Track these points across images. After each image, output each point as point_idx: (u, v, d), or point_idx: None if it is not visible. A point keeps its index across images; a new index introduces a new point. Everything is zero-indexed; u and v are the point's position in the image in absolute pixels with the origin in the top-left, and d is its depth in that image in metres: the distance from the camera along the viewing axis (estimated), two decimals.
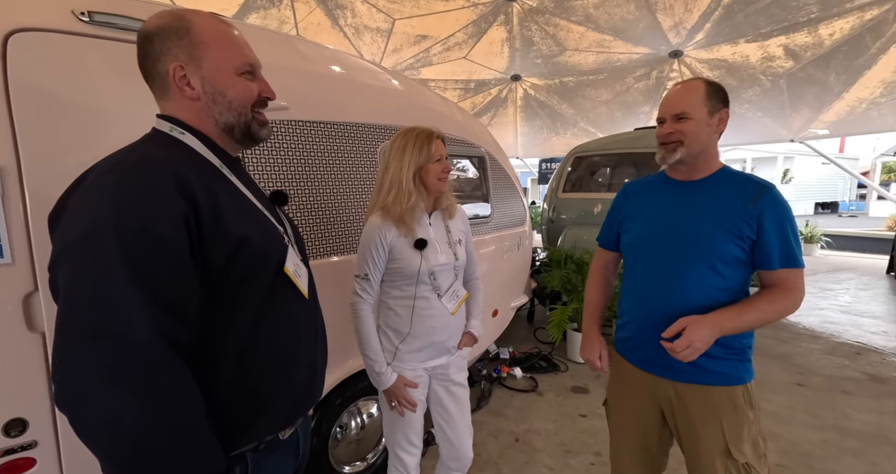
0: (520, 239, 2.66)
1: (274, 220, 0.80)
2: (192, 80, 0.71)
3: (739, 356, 1.17)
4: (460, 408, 1.45)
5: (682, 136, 1.14)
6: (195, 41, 0.70)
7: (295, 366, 0.81)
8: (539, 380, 3.00)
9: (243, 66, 0.75)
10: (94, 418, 0.56)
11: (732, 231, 1.10)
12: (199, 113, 0.74)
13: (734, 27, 5.38)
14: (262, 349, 0.75)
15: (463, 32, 5.88)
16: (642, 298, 1.26)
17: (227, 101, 0.74)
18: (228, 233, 0.67)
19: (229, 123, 0.75)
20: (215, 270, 0.66)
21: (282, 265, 0.76)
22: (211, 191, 0.67)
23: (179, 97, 0.72)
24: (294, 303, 0.81)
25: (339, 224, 1.70)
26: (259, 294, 0.73)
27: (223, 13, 4.45)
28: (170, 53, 0.70)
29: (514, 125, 8.42)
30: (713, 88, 1.14)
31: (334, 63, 1.81)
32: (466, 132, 2.28)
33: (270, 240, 0.76)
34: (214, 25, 0.73)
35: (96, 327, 0.56)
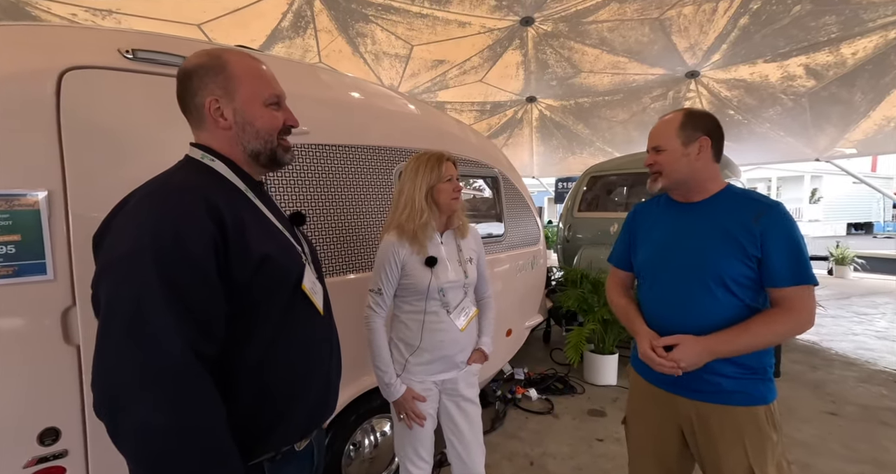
0: (534, 258, 2.67)
1: (293, 240, 0.86)
2: (226, 112, 0.79)
3: (760, 375, 1.16)
4: (471, 425, 1.46)
5: (660, 167, 1.21)
6: (229, 77, 0.78)
7: (311, 379, 0.86)
8: (555, 402, 2.95)
9: (271, 98, 0.83)
10: (128, 422, 0.61)
11: (737, 250, 1.11)
12: (230, 141, 0.81)
13: (752, 48, 5.39)
14: (280, 362, 0.79)
15: (479, 56, 6.05)
16: (656, 319, 1.27)
17: (256, 130, 0.81)
18: (252, 253, 0.73)
19: (256, 150, 0.82)
20: (239, 287, 0.72)
21: (300, 282, 0.82)
22: (236, 214, 0.73)
23: (213, 127, 0.80)
24: (310, 318, 0.86)
25: (358, 242, 1.75)
26: (278, 310, 0.79)
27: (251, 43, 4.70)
28: (206, 88, 0.78)
29: (529, 145, 8.51)
30: (689, 118, 1.18)
31: (353, 90, 1.91)
32: (480, 153, 2.34)
33: (290, 259, 0.82)
34: (246, 62, 0.82)
35: (132, 338, 0.62)
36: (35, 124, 1.04)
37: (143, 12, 4.66)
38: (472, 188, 2.30)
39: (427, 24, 5.35)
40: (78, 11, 4.57)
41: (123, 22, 4.81)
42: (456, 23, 5.33)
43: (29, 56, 1.07)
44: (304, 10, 5.08)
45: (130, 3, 4.57)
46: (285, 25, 5.26)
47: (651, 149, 1.23)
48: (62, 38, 1.16)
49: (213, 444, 0.66)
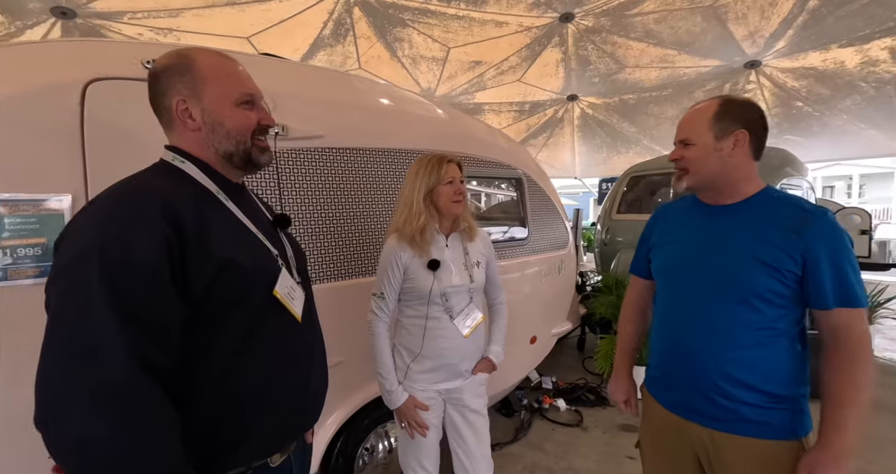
0: (561, 262, 2.56)
1: (269, 244, 0.83)
2: (193, 113, 0.77)
3: (788, 405, 1.01)
4: (478, 438, 1.40)
5: (686, 164, 1.07)
6: (196, 77, 0.76)
7: (283, 390, 0.81)
8: (584, 414, 2.80)
9: (242, 97, 0.79)
10: (67, 437, 0.58)
11: (769, 263, 0.97)
12: (201, 142, 0.79)
13: (823, 32, 4.87)
14: (247, 372, 0.76)
15: (517, 56, 5.95)
16: (670, 334, 1.16)
17: (226, 130, 0.78)
18: (212, 257, 0.69)
19: (228, 151, 0.80)
20: (198, 292, 0.68)
21: (272, 287, 0.78)
22: (200, 217, 0.71)
23: (182, 129, 0.78)
24: (285, 326, 0.82)
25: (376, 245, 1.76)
26: (247, 317, 0.75)
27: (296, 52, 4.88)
28: (174, 89, 0.76)
29: (571, 145, 8.24)
30: (727, 108, 1.03)
31: (382, 96, 1.93)
32: (503, 154, 2.27)
33: (259, 263, 0.79)
34: (214, 61, 0.79)
35: (75, 349, 0.59)
36: (60, 133, 1.13)
37: (198, 29, 5.02)
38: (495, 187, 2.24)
39: (463, 26, 5.33)
40: (143, 31, 5.01)
41: (182, 38, 5.20)
42: (493, 23, 5.27)
43: (56, 70, 1.16)
44: (343, 18, 5.24)
45: (187, 21, 4.94)
46: (326, 33, 5.45)
47: (678, 142, 1.08)
48: (88, 52, 1.26)
49: (160, 461, 0.62)
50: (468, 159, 2.09)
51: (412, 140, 1.89)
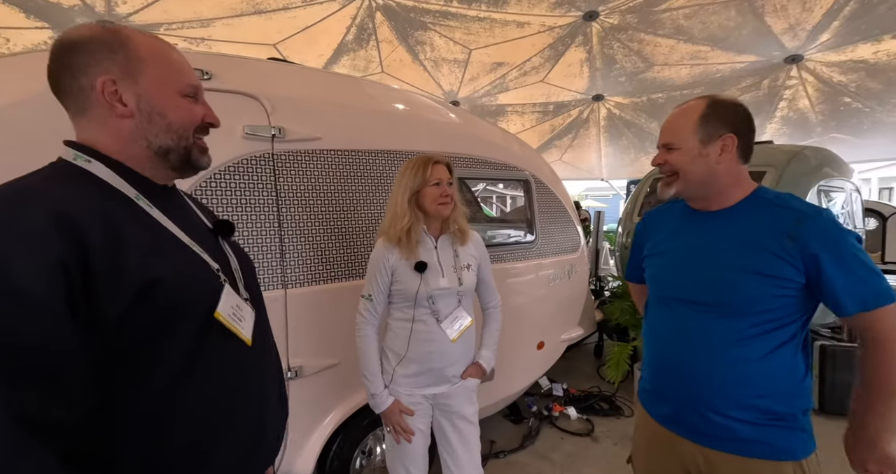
0: (571, 266, 2.48)
1: (207, 256, 0.70)
2: (126, 97, 0.64)
3: (787, 423, 0.94)
4: (466, 445, 1.38)
5: (673, 168, 1.00)
6: (132, 56, 0.64)
7: (234, 426, 0.69)
8: (596, 424, 2.70)
9: (187, 89, 0.70)
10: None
11: (763, 272, 0.90)
12: (129, 134, 0.65)
13: (875, 22, 4.53)
14: (182, 411, 0.63)
15: (539, 56, 5.86)
16: (661, 347, 1.10)
17: (168, 122, 0.67)
18: (130, 277, 0.57)
19: (165, 147, 0.68)
20: (112, 323, 0.55)
21: (212, 309, 0.66)
22: (113, 229, 0.57)
23: (106, 116, 0.64)
24: (232, 351, 0.70)
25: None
26: (181, 345, 0.62)
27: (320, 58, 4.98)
28: (100, 66, 0.62)
29: (597, 146, 8.03)
30: (713, 110, 0.96)
31: (386, 98, 1.95)
32: (507, 155, 2.23)
33: (195, 281, 0.66)
34: (155, 43, 0.68)
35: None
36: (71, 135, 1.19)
37: (228, 37, 5.23)
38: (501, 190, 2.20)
39: (484, 27, 5.30)
40: (178, 41, 5.27)
41: (213, 47, 5.44)
42: (514, 23, 5.22)
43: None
44: (366, 23, 5.33)
45: (217, 30, 5.16)
46: (349, 39, 5.56)
47: (661, 145, 1.04)
48: None
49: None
50: (471, 160, 2.07)
51: (413, 141, 1.89)
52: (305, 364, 1.60)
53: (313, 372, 1.62)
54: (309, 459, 1.65)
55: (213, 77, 1.47)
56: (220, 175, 1.44)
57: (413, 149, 1.86)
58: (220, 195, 1.44)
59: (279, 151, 1.55)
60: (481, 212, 3.19)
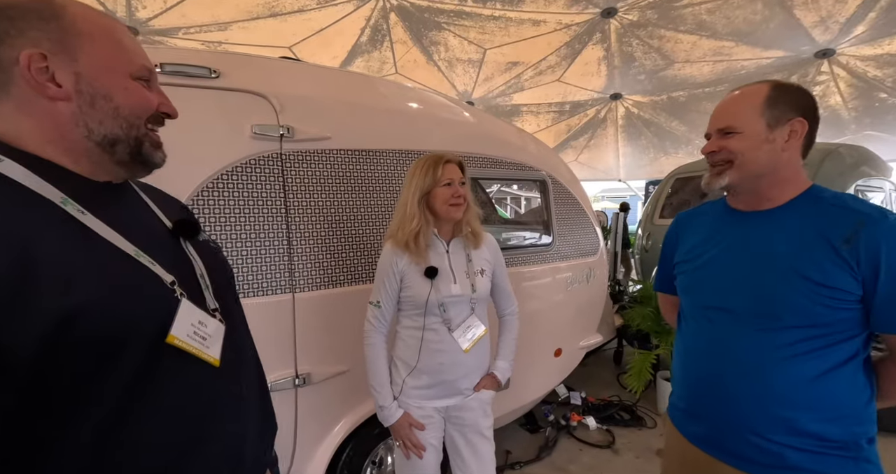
0: (590, 270, 2.38)
1: (159, 268, 0.59)
2: (59, 75, 0.54)
3: (848, 453, 0.83)
4: (480, 461, 1.30)
5: (730, 155, 0.89)
6: (68, 28, 0.54)
7: (201, 452, 0.60)
8: (616, 435, 2.59)
9: (140, 71, 0.60)
10: None
11: (817, 281, 0.80)
12: (60, 120, 0.55)
13: None
14: (130, 448, 0.53)
15: (556, 55, 5.76)
16: (696, 361, 1.00)
17: (114, 106, 0.57)
18: (39, 313, 0.46)
19: (112, 136, 0.57)
20: (21, 367, 0.45)
21: (163, 333, 0.56)
22: (19, 248, 0.47)
23: (32, 97, 0.54)
24: (195, 376, 0.60)
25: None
26: (118, 386, 0.52)
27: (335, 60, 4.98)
28: (23, 36, 0.52)
29: (614, 146, 7.86)
30: (780, 92, 0.87)
31: (400, 97, 1.91)
32: (524, 155, 2.15)
33: (133, 304, 0.54)
34: (96, 16, 0.58)
35: None
36: None
37: (244, 41, 5.27)
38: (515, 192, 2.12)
39: (499, 26, 5.23)
40: (196, 44, 5.34)
41: (230, 50, 5.50)
42: (530, 22, 5.13)
43: None
44: (380, 24, 5.31)
45: (234, 34, 5.21)
46: (364, 40, 5.55)
47: (716, 131, 0.91)
48: None
49: None
50: (486, 160, 1.99)
51: (426, 140, 1.83)
52: (314, 371, 1.55)
53: (322, 379, 1.57)
54: (318, 469, 1.60)
55: (221, 75, 1.43)
56: (227, 175, 1.40)
57: (425, 148, 1.79)
58: (227, 196, 1.40)
59: (288, 151, 1.51)
60: (496, 213, 3.11)
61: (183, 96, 1.33)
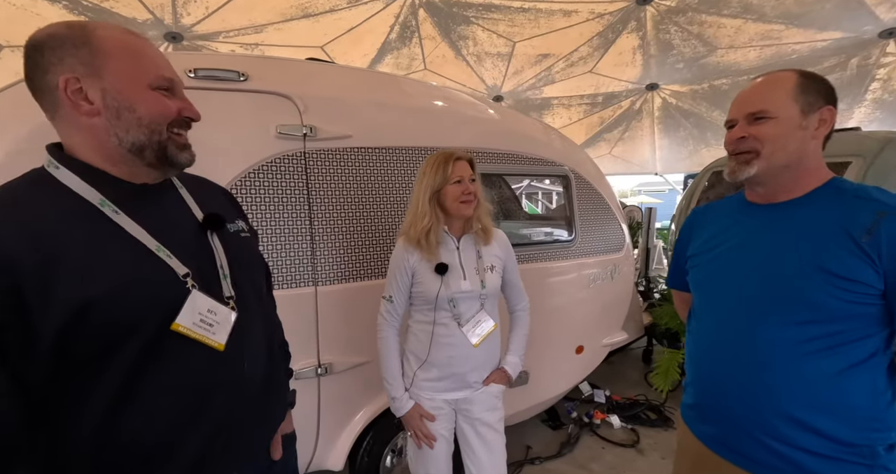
0: (615, 267, 2.33)
1: (176, 261, 0.67)
2: (90, 93, 0.62)
3: (864, 460, 0.80)
4: (490, 453, 1.32)
5: (757, 144, 0.86)
6: (95, 51, 0.62)
7: (189, 436, 0.67)
8: (642, 435, 2.53)
9: (158, 81, 0.67)
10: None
11: (838, 274, 0.77)
12: (98, 132, 0.64)
13: None
14: (131, 431, 0.62)
15: (588, 46, 5.59)
16: (708, 358, 0.98)
17: (137, 116, 0.65)
18: (60, 301, 0.55)
19: (139, 143, 0.65)
20: (48, 344, 0.55)
21: (168, 321, 0.63)
22: (48, 247, 0.56)
23: (73, 115, 0.63)
24: (200, 359, 0.68)
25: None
26: (125, 365, 0.60)
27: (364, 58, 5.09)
28: (62, 63, 0.61)
29: (650, 138, 7.55)
30: (809, 79, 0.85)
31: (419, 93, 1.94)
32: (546, 150, 2.13)
33: (143, 294, 0.63)
34: (120, 36, 0.65)
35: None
36: None
37: (279, 42, 5.46)
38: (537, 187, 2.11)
39: (529, 18, 5.15)
40: (235, 48, 5.58)
41: (266, 51, 5.71)
42: (560, 12, 5.02)
43: None
44: (409, 21, 5.35)
45: (269, 36, 5.40)
46: (393, 37, 5.61)
47: (746, 116, 0.86)
48: None
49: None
50: (506, 156, 1.99)
51: (446, 137, 1.85)
52: (335, 361, 1.62)
53: (343, 369, 1.64)
54: (340, 455, 1.68)
55: (249, 78, 1.51)
56: (254, 174, 1.48)
57: (444, 144, 1.81)
58: (254, 193, 1.48)
59: (311, 150, 1.57)
60: (521, 209, 3.09)
61: (214, 99, 1.44)
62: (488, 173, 2.11)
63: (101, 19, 4.75)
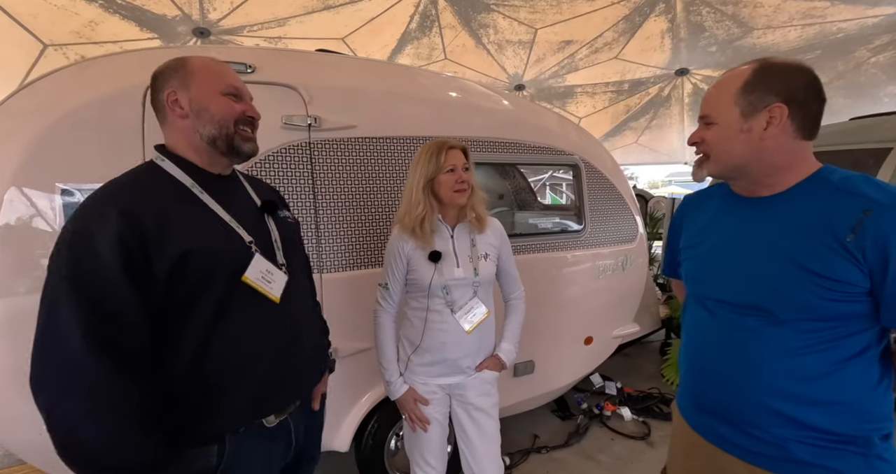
0: (626, 257, 2.28)
1: (243, 231, 0.89)
2: (182, 101, 0.85)
3: (855, 447, 0.78)
4: (483, 437, 1.34)
5: (707, 147, 0.87)
6: (187, 72, 0.87)
7: (256, 366, 0.87)
8: (653, 427, 2.49)
9: (227, 88, 0.88)
10: (41, 401, 0.69)
11: (818, 272, 0.74)
12: (188, 130, 0.86)
13: None
14: (219, 349, 0.83)
15: (613, 31, 5.40)
16: (698, 351, 0.97)
17: (210, 115, 0.86)
18: (170, 249, 0.77)
19: (212, 136, 0.87)
20: (162, 280, 0.76)
21: (240, 274, 0.84)
22: (164, 214, 0.78)
23: (173, 118, 0.87)
24: (259, 307, 0.88)
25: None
26: (213, 300, 0.82)
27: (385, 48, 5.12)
28: (167, 84, 0.86)
29: (679, 126, 7.25)
30: (761, 76, 0.80)
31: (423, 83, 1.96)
32: (555, 139, 2.09)
33: (223, 253, 0.84)
34: (205, 61, 0.90)
35: (45, 329, 0.70)
36: (125, 131, 1.34)
37: (301, 35, 5.55)
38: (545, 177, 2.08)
39: (551, 4, 5.01)
40: (259, 41, 5.71)
41: (289, 44, 5.81)
42: None
43: (122, 78, 1.39)
44: (429, 10, 5.31)
45: (292, 29, 5.49)
46: (413, 27, 5.59)
47: (699, 118, 0.90)
48: (151, 60, 1.46)
49: (117, 427, 0.71)
50: (513, 145, 1.97)
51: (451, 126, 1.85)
52: (340, 346, 1.67)
53: (348, 354, 1.69)
54: (346, 436, 1.74)
55: (257, 70, 1.55)
56: (260, 164, 1.54)
57: (451, 134, 1.82)
58: None
59: (315, 140, 1.61)
60: (534, 199, 3.05)
61: None
62: (495, 162, 2.10)
63: (133, 16, 4.96)
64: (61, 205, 1.29)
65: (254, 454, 0.90)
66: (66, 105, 1.33)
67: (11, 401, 1.28)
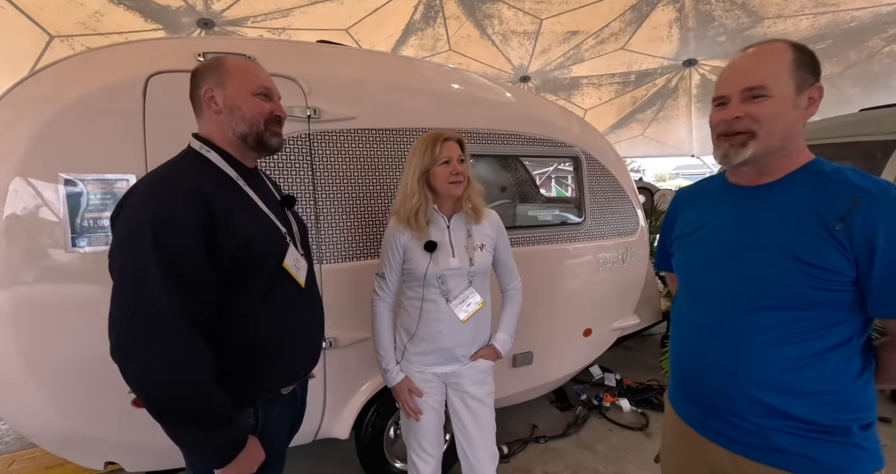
0: (626, 250, 2.28)
1: (279, 222, 0.98)
2: (217, 98, 0.92)
3: (837, 437, 0.79)
4: (479, 425, 1.36)
5: (754, 125, 0.78)
6: (223, 71, 0.93)
7: (293, 336, 1.00)
8: (652, 419, 2.51)
9: (258, 89, 0.94)
10: (131, 368, 0.77)
11: (808, 261, 0.75)
12: (222, 125, 0.93)
13: None
14: (265, 322, 0.94)
15: (619, 21, 5.33)
16: (686, 341, 0.98)
17: (242, 113, 0.92)
18: (235, 235, 0.86)
19: (243, 132, 0.93)
20: (225, 262, 0.85)
21: (281, 260, 0.95)
22: (225, 201, 0.86)
23: (208, 113, 0.94)
24: (292, 289, 0.99)
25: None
26: (262, 281, 0.92)
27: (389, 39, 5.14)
28: (205, 81, 0.93)
29: (686, 118, 7.16)
30: (802, 53, 0.79)
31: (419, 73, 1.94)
32: (555, 131, 2.08)
33: (271, 241, 0.95)
34: (240, 62, 0.97)
35: (135, 299, 0.77)
36: (126, 121, 1.36)
37: (304, 25, 5.53)
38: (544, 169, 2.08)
39: None
40: (262, 32, 5.70)
41: (293, 35, 5.80)
42: None
43: (124, 68, 1.39)
44: (433, 0, 5.26)
45: (296, 19, 5.48)
46: (417, 18, 5.56)
47: (742, 91, 0.79)
48: (152, 50, 1.48)
49: (198, 390, 0.80)
50: (512, 136, 1.97)
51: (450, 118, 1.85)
52: (340, 336, 1.69)
53: (347, 343, 1.71)
54: (346, 424, 1.77)
55: (256, 61, 1.56)
56: None
57: (450, 125, 1.82)
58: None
59: (315, 131, 1.62)
60: (536, 191, 3.04)
61: None
62: (495, 154, 2.10)
63: (138, 7, 4.96)
64: (65, 195, 1.31)
65: (276, 417, 1.02)
66: (69, 95, 1.35)
67: (23, 387, 1.32)
